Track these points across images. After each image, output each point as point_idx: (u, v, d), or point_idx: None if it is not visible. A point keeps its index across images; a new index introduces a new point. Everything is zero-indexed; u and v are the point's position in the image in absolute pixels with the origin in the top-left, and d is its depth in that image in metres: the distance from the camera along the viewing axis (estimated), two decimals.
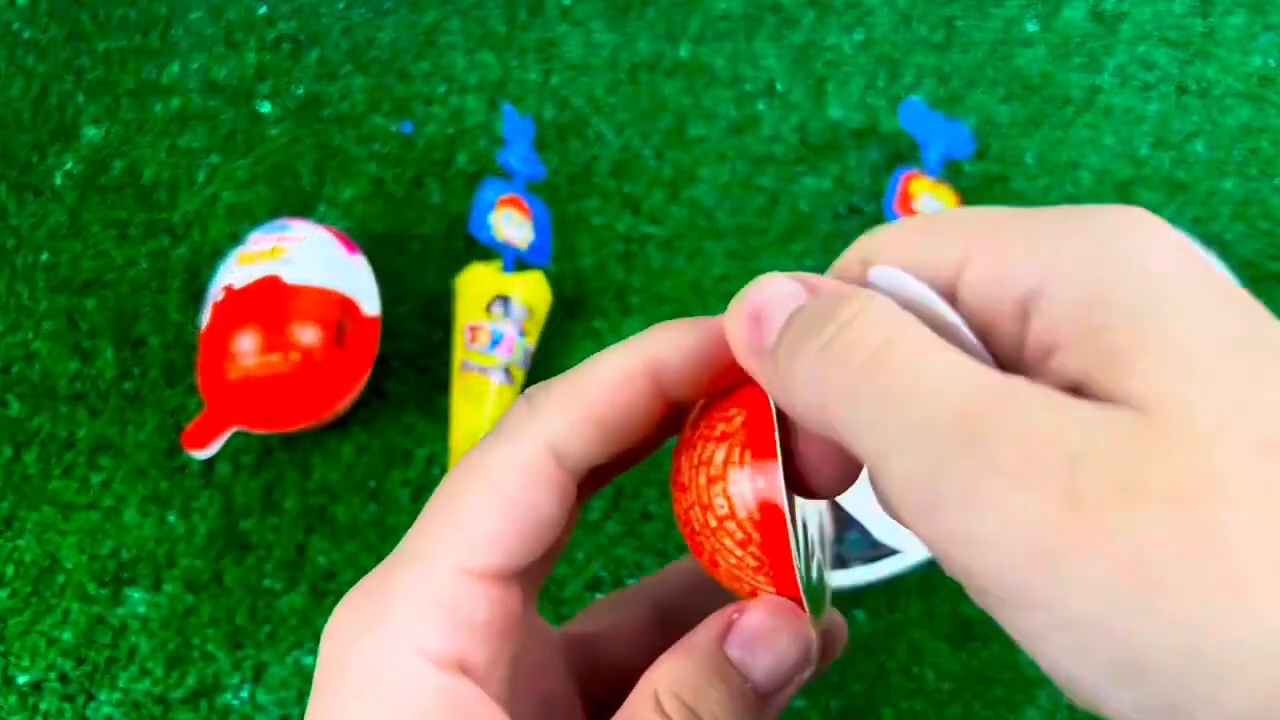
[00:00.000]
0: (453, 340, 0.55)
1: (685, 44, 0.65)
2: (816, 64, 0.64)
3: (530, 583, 0.21)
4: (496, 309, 0.53)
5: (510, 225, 0.55)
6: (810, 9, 0.66)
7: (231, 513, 0.53)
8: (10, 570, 0.52)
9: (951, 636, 0.50)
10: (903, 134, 0.61)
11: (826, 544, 0.22)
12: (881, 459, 0.16)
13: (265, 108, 0.64)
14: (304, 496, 0.53)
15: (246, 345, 0.49)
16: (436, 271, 0.58)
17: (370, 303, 0.53)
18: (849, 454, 0.19)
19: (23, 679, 0.50)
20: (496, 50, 0.65)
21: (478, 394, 0.53)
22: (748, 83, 0.64)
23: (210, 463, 0.53)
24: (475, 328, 0.53)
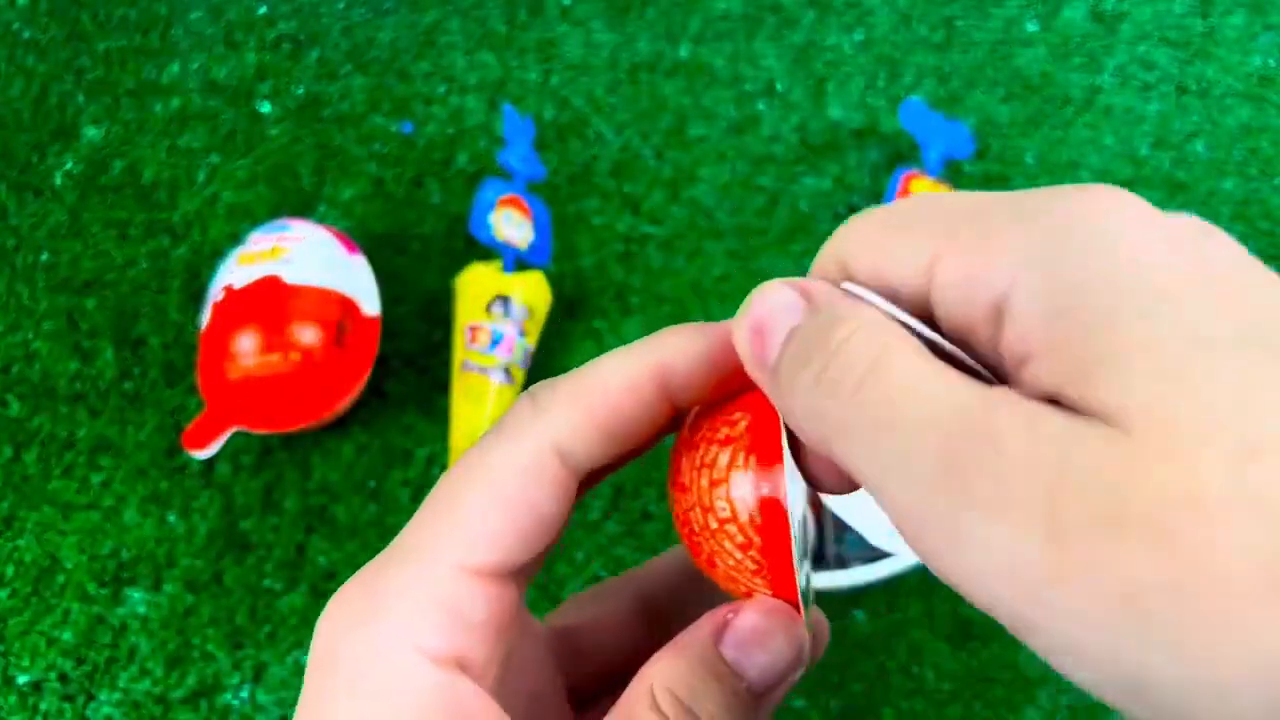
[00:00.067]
0: (453, 340, 0.55)
1: (685, 44, 0.65)
2: (816, 64, 0.64)
3: (523, 578, 0.21)
4: (496, 309, 0.53)
5: (510, 225, 0.55)
6: (810, 9, 0.66)
7: (231, 513, 0.53)
8: (10, 570, 0.52)
9: (951, 636, 0.50)
10: (903, 134, 0.61)
11: (809, 543, 0.22)
12: (876, 488, 0.16)
13: (265, 108, 0.64)
14: (304, 496, 0.53)
15: (246, 345, 0.49)
16: (436, 271, 0.58)
17: (370, 303, 0.53)
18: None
19: (23, 679, 0.50)
20: (496, 50, 0.65)
21: (478, 394, 0.53)
22: (748, 83, 0.64)
23: (210, 463, 0.53)
24: (475, 328, 0.53)
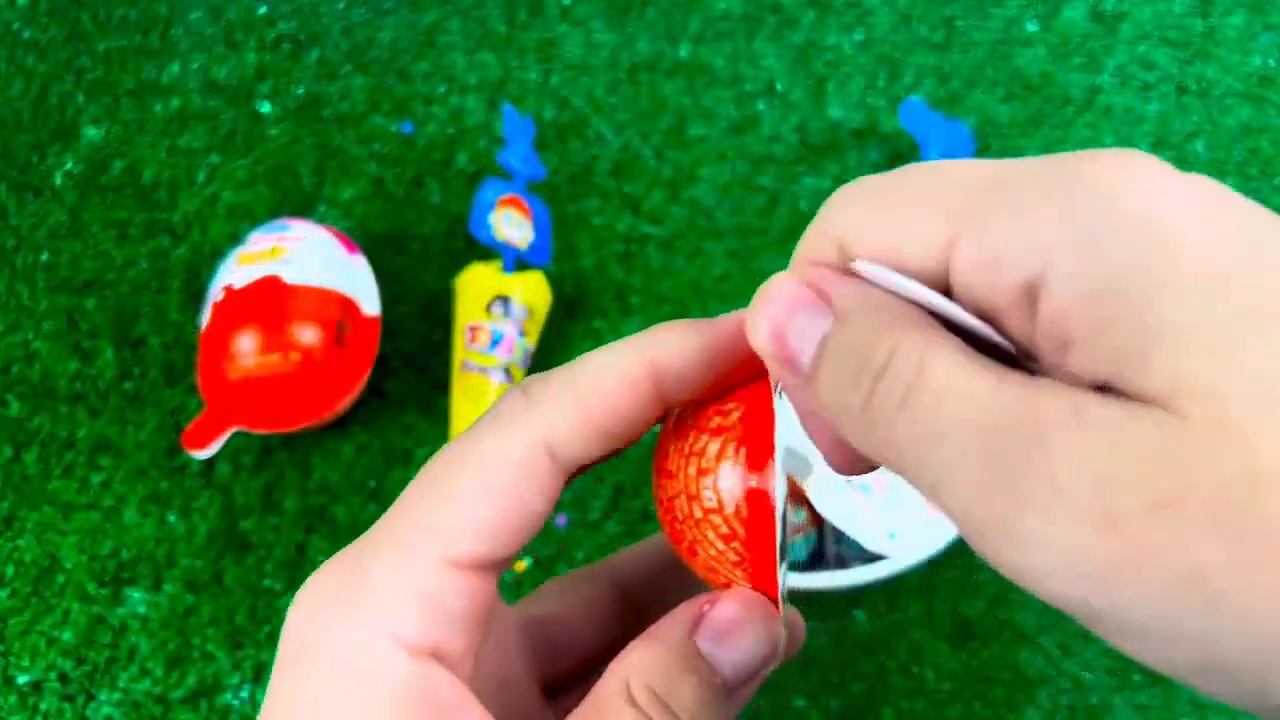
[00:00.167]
0: (453, 340, 0.55)
1: (685, 44, 0.65)
2: (816, 64, 0.64)
3: (500, 568, 0.21)
4: (496, 309, 0.53)
5: (510, 225, 0.55)
6: (810, 9, 0.66)
7: (231, 513, 0.53)
8: (10, 570, 0.52)
9: (951, 636, 0.50)
10: (903, 134, 0.61)
11: (788, 540, 0.22)
12: (935, 498, 0.16)
13: (265, 108, 0.64)
14: (304, 496, 0.53)
15: (246, 345, 0.49)
16: (436, 271, 0.58)
17: (370, 303, 0.53)
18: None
19: (23, 679, 0.50)
20: (496, 50, 0.65)
21: (478, 394, 0.53)
22: (748, 83, 0.64)
23: (210, 463, 0.53)
24: (475, 328, 0.53)
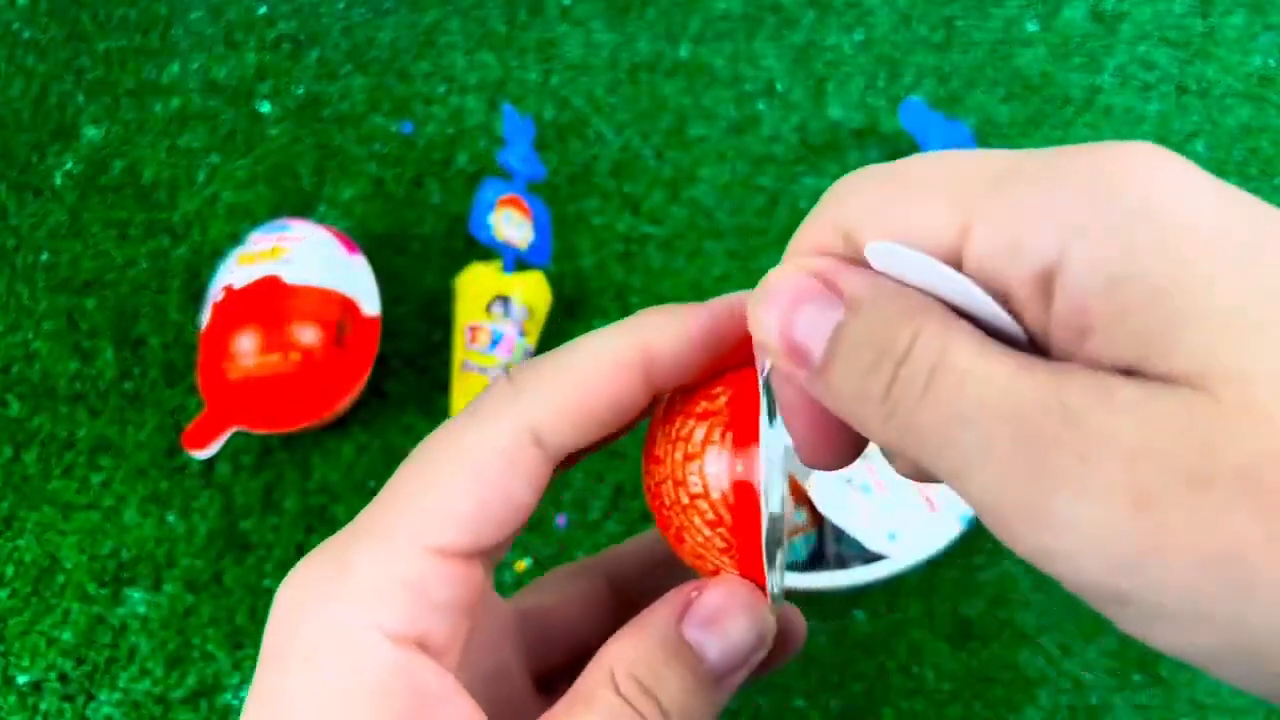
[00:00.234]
0: (453, 340, 0.55)
1: (685, 44, 0.65)
2: (816, 64, 0.64)
3: (490, 559, 0.21)
4: (496, 309, 0.53)
5: (510, 225, 0.55)
6: (810, 9, 0.66)
7: (231, 513, 0.53)
8: (10, 570, 0.52)
9: (951, 636, 0.50)
10: (903, 134, 0.61)
11: (789, 527, 0.22)
12: (957, 483, 0.16)
13: (265, 108, 0.64)
14: (304, 496, 0.53)
15: (246, 345, 0.49)
16: (436, 271, 0.58)
17: (370, 303, 0.53)
18: (844, 435, 0.19)
19: (23, 679, 0.50)
20: (496, 50, 0.65)
21: (478, 394, 0.53)
22: (748, 83, 0.64)
23: (210, 463, 0.53)
24: (475, 328, 0.53)
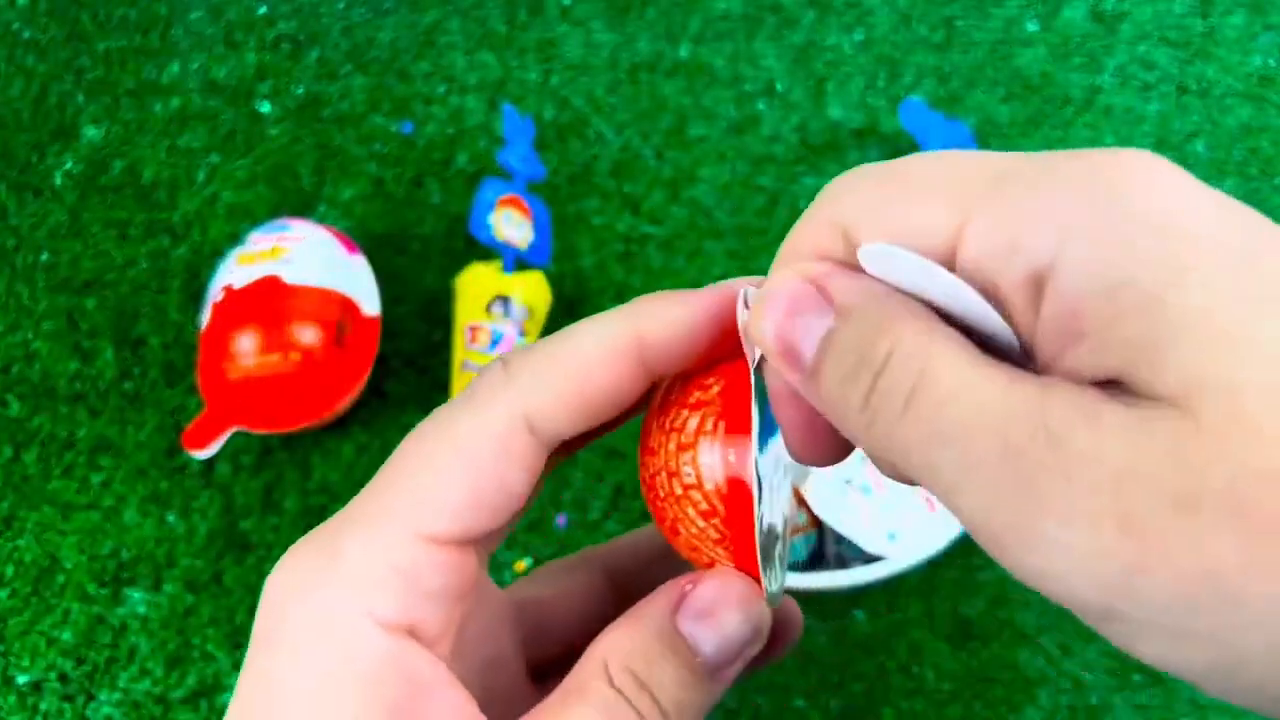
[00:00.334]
0: (453, 340, 0.55)
1: (685, 44, 0.65)
2: (816, 64, 0.64)
3: (485, 547, 0.21)
4: (496, 309, 0.53)
5: (510, 225, 0.55)
6: (810, 9, 0.66)
7: (231, 513, 0.53)
8: (10, 570, 0.52)
9: (951, 636, 0.50)
10: (903, 134, 0.61)
11: (790, 528, 0.21)
12: (946, 498, 0.16)
13: (265, 108, 0.64)
14: (304, 496, 0.53)
15: (246, 345, 0.49)
16: (436, 271, 0.58)
17: (370, 303, 0.53)
18: (833, 433, 0.19)
19: (23, 679, 0.50)
20: (496, 50, 0.65)
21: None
22: (748, 83, 0.64)
23: (210, 463, 0.53)
24: (475, 328, 0.53)
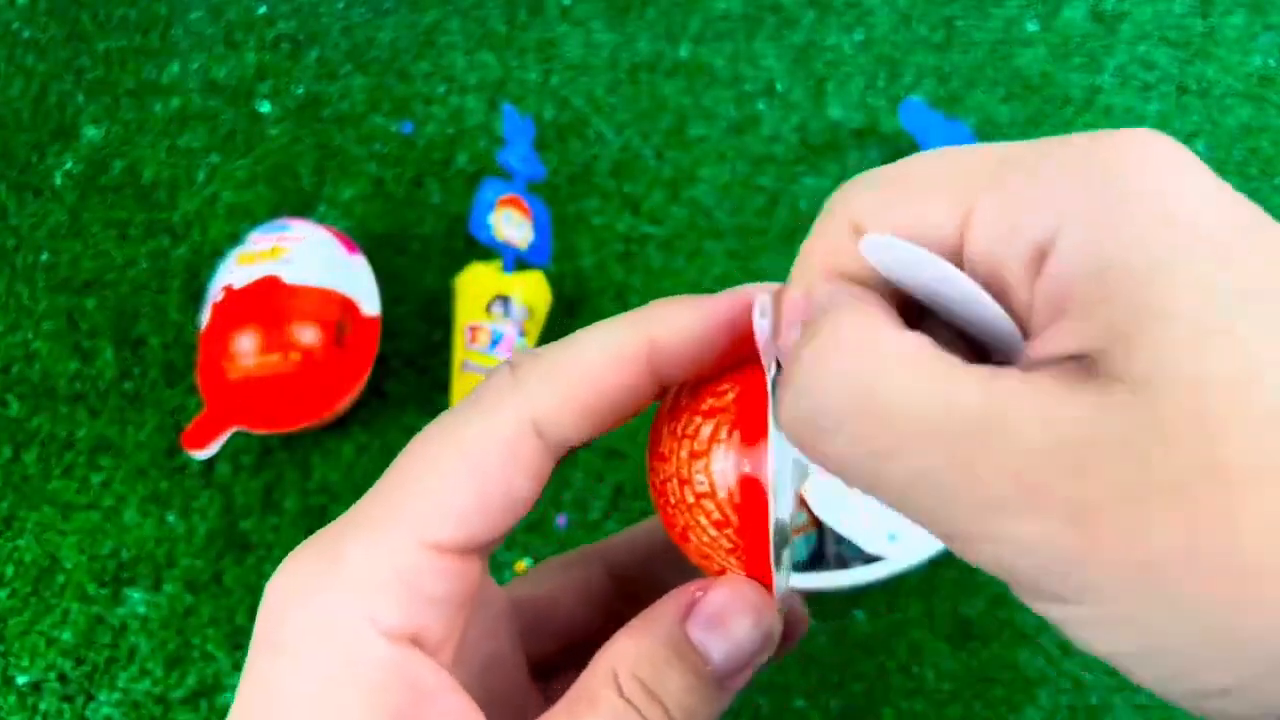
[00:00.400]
0: (453, 340, 0.55)
1: (685, 44, 0.65)
2: (816, 64, 0.64)
3: (487, 551, 0.20)
4: (496, 309, 0.53)
5: (510, 225, 0.55)
6: (810, 9, 0.66)
7: (231, 513, 0.53)
8: (10, 570, 0.52)
9: (951, 636, 0.50)
10: (903, 134, 0.61)
11: (794, 524, 0.21)
12: (896, 506, 0.16)
13: (265, 108, 0.64)
14: (304, 496, 0.53)
15: (246, 345, 0.49)
16: (436, 271, 0.58)
17: (370, 303, 0.53)
18: None
19: (22, 679, 0.50)
20: (496, 50, 0.65)
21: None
22: (748, 83, 0.64)
23: (210, 463, 0.53)
24: (475, 328, 0.53)
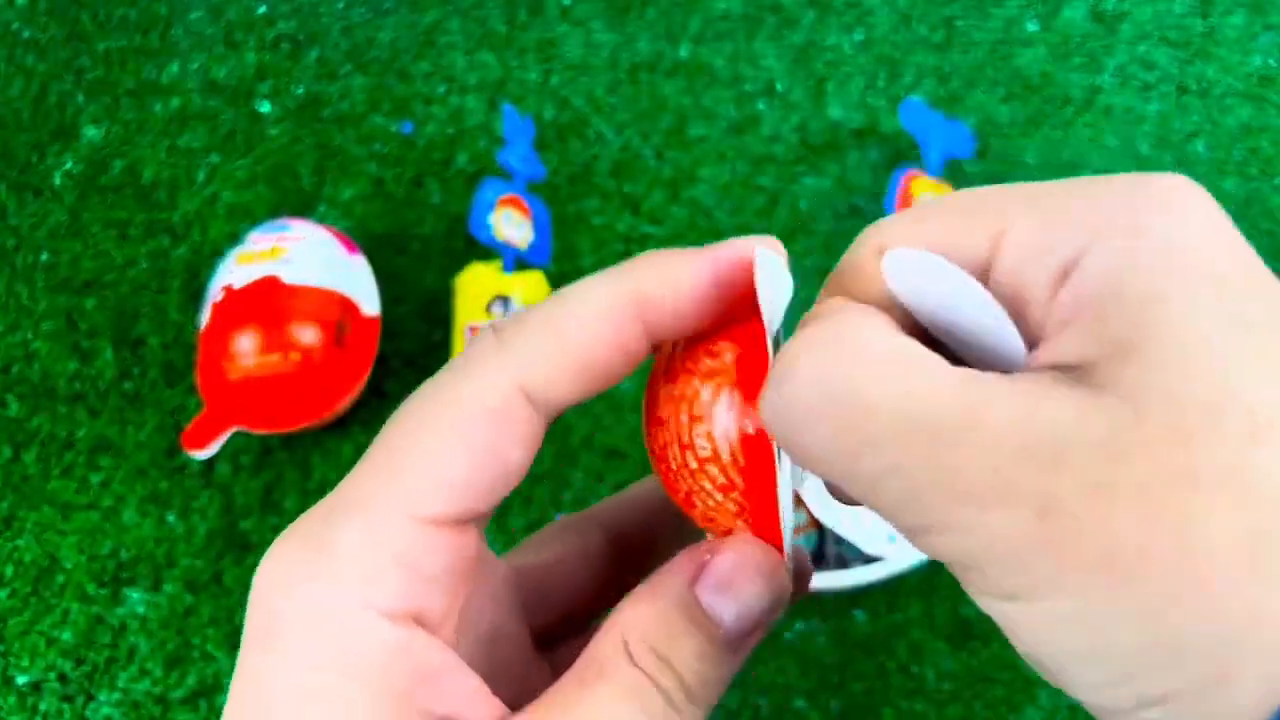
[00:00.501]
0: (453, 340, 0.55)
1: (685, 44, 0.65)
2: (816, 64, 0.64)
3: (483, 522, 0.20)
4: (496, 309, 0.53)
5: (510, 225, 0.55)
6: (810, 9, 0.66)
7: (231, 513, 0.53)
8: (10, 570, 0.52)
9: (951, 636, 0.50)
10: (903, 134, 0.61)
11: (793, 480, 0.21)
12: (865, 499, 0.16)
13: (265, 108, 0.64)
14: (304, 496, 0.53)
15: (246, 345, 0.49)
16: (436, 271, 0.58)
17: (370, 303, 0.53)
18: None
19: (22, 679, 0.50)
20: (496, 50, 0.65)
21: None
22: (748, 83, 0.64)
23: (210, 463, 0.53)
24: (475, 328, 0.53)
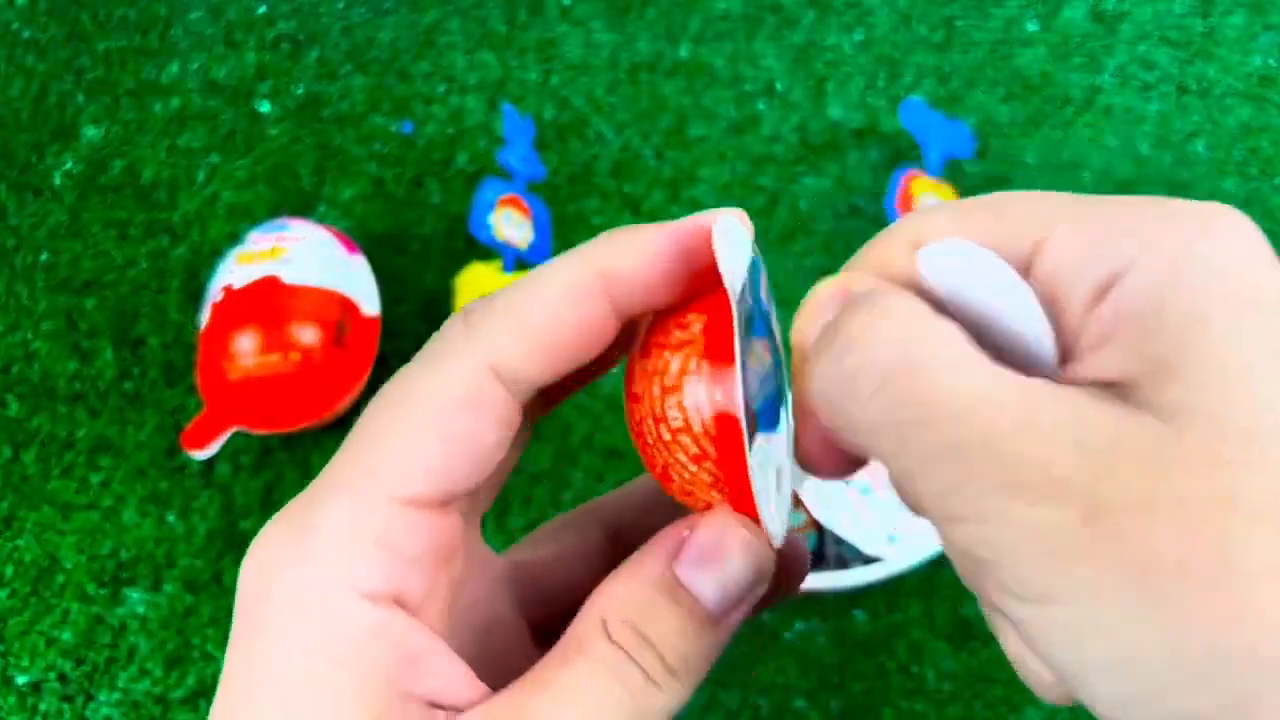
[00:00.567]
0: None
1: (685, 44, 0.65)
2: (816, 64, 0.64)
3: (473, 507, 0.20)
4: None
5: (510, 225, 0.55)
6: (810, 9, 0.66)
7: (231, 513, 0.53)
8: (10, 570, 0.52)
9: (951, 636, 0.50)
10: (903, 134, 0.61)
11: (791, 457, 0.21)
12: (905, 479, 0.16)
13: (265, 108, 0.64)
14: None
15: (246, 345, 0.49)
16: (436, 271, 0.58)
17: (370, 303, 0.53)
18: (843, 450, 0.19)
19: (22, 679, 0.50)
20: (496, 50, 0.65)
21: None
22: (748, 83, 0.64)
23: (210, 463, 0.53)
24: None
